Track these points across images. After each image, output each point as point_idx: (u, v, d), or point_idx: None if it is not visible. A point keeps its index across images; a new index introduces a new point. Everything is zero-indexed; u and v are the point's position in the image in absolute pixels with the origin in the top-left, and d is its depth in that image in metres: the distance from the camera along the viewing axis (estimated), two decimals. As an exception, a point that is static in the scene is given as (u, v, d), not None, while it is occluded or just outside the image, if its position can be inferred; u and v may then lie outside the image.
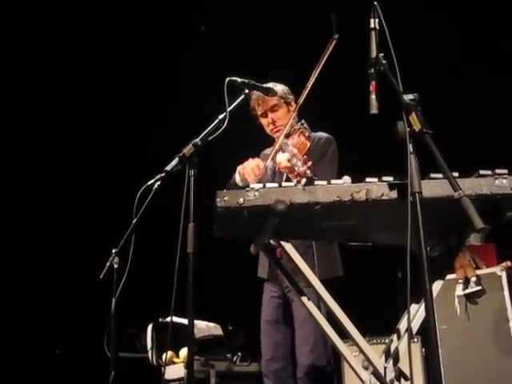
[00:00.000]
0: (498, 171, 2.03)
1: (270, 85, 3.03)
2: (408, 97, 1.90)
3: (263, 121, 3.18)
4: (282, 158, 2.61)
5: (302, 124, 2.91)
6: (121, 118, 5.82)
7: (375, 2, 2.04)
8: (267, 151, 3.23)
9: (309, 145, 2.80)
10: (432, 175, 2.01)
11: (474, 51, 5.20)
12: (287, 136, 2.91)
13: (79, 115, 5.87)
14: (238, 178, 2.95)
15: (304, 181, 2.58)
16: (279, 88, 3.12)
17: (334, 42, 2.81)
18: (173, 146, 2.46)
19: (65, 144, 5.96)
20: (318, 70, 2.86)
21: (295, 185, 2.12)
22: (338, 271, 3.03)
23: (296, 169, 2.44)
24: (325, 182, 2.06)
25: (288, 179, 2.90)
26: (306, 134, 2.83)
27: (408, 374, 2.08)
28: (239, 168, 2.97)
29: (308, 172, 2.44)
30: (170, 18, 5.61)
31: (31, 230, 5.93)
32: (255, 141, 3.29)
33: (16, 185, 5.92)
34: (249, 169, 2.88)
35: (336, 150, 3.09)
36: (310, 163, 2.47)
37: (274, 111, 3.13)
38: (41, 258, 5.85)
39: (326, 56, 2.84)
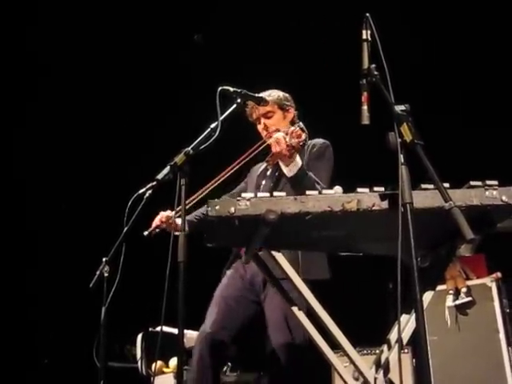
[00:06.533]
0: (488, 182, 2.04)
1: (267, 93, 3.05)
2: (399, 108, 1.91)
3: (258, 127, 3.18)
4: (277, 135, 2.71)
5: (300, 125, 2.92)
6: (112, 127, 5.81)
7: (367, 14, 2.06)
8: (257, 166, 3.25)
9: (304, 136, 2.79)
10: (423, 186, 2.02)
11: (467, 62, 5.25)
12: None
13: (69, 126, 5.86)
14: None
15: (295, 168, 2.67)
16: (276, 94, 3.13)
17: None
18: (165, 154, 2.46)
19: (57, 152, 5.95)
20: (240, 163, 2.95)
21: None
22: (324, 274, 2.93)
23: (288, 141, 2.60)
24: (316, 192, 2.06)
25: (276, 184, 2.92)
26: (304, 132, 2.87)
27: (398, 384, 2.07)
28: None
29: (300, 144, 2.63)
30: (165, 26, 5.63)
31: (20, 240, 5.90)
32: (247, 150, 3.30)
33: (5, 192, 5.90)
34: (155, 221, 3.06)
35: (332, 154, 3.06)
36: (302, 139, 2.64)
37: (267, 117, 3.12)
38: (30, 267, 5.81)
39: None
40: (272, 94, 3.10)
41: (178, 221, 2.83)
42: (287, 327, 2.82)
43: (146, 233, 3.06)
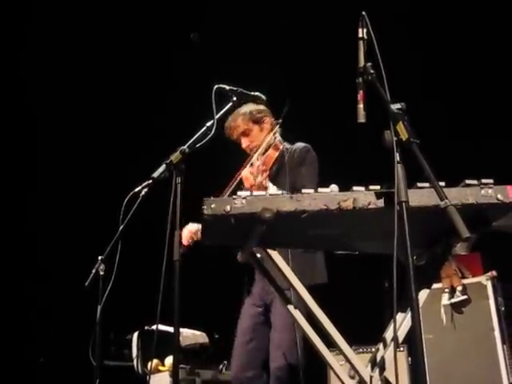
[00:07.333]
0: (483, 181, 2.04)
1: (233, 118, 3.11)
2: (395, 106, 1.91)
3: (241, 145, 3.21)
4: (244, 173, 2.88)
5: (276, 138, 2.99)
6: (107, 126, 5.80)
7: (363, 12, 2.06)
8: None
9: (276, 155, 3.00)
10: (419, 184, 2.01)
11: (463, 62, 5.25)
12: (264, 153, 3.03)
13: (66, 125, 5.85)
14: None
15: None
16: (244, 111, 3.13)
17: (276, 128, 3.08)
18: (160, 152, 2.46)
19: (55, 151, 5.94)
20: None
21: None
22: (318, 278, 2.95)
23: (254, 180, 2.76)
24: (312, 191, 2.06)
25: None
26: (279, 148, 3.05)
27: (394, 383, 2.07)
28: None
29: (264, 182, 2.80)
30: (161, 25, 5.62)
31: (16, 237, 5.88)
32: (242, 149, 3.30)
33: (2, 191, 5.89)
34: (185, 239, 3.03)
35: (315, 157, 3.08)
36: (266, 174, 2.85)
37: (245, 135, 3.16)
38: (26, 266, 5.80)
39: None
40: (241, 113, 3.11)
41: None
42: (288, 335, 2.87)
43: (182, 252, 3.04)
